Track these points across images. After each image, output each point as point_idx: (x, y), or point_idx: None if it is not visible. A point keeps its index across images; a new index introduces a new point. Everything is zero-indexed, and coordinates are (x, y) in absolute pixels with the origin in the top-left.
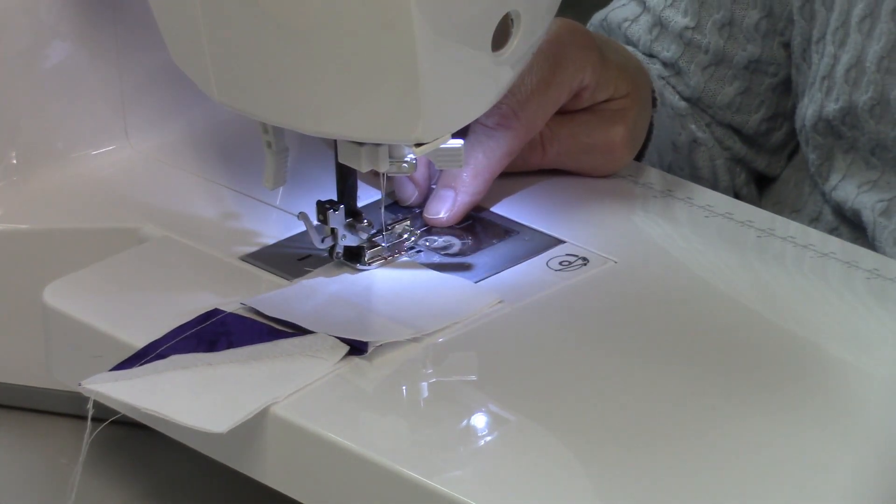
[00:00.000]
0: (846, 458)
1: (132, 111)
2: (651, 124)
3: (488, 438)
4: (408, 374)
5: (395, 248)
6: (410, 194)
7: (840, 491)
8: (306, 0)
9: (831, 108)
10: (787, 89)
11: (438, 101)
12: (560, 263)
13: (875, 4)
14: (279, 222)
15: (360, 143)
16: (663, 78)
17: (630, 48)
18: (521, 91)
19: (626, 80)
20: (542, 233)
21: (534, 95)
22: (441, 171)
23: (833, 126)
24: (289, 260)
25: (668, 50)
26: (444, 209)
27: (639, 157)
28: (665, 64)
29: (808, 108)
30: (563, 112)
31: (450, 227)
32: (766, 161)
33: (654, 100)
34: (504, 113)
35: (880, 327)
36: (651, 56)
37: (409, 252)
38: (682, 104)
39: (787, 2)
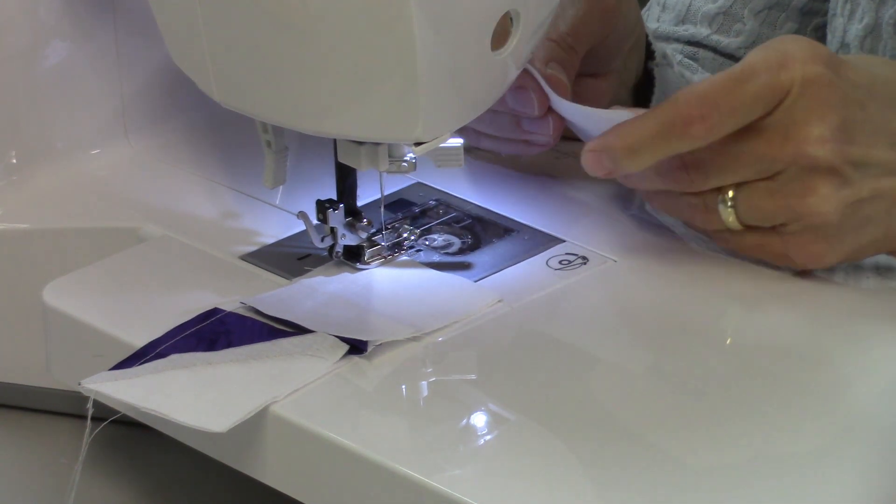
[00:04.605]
0: (846, 458)
1: (132, 111)
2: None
3: (488, 438)
4: (407, 374)
5: (395, 248)
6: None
7: (840, 491)
8: (306, 0)
9: (855, 28)
10: (825, 34)
11: (438, 100)
12: (560, 262)
13: None
14: (279, 221)
15: (360, 143)
16: (692, 44)
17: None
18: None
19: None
20: (541, 232)
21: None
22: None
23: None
24: (288, 259)
25: (715, 1)
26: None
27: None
28: (701, 26)
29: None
30: None
31: (449, 226)
32: None
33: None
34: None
35: (880, 326)
36: (668, 39)
37: (409, 251)
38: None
39: None
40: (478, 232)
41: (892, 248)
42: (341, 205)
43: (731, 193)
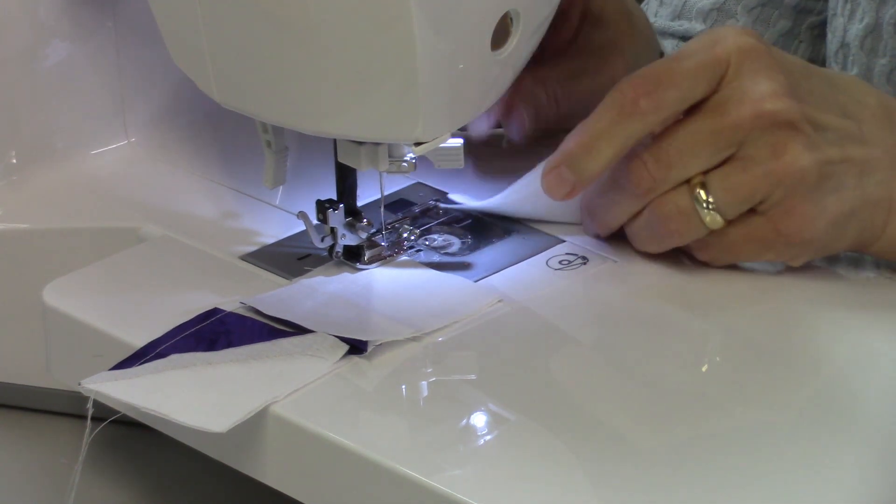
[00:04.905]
0: (846, 459)
1: (132, 111)
2: None
3: (488, 438)
4: (407, 374)
5: (395, 248)
6: (518, 130)
7: (840, 491)
8: (306, 0)
9: (856, 28)
10: (823, 32)
11: (438, 100)
12: (560, 263)
13: None
14: (279, 222)
15: (360, 143)
16: (687, 39)
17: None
18: None
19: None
20: (541, 232)
21: None
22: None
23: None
24: (288, 259)
25: None
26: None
27: None
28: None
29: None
30: (560, 39)
31: (449, 227)
32: None
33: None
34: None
35: (881, 326)
36: (664, 34)
37: (409, 251)
38: None
39: None
40: (478, 232)
41: (871, 222)
42: (341, 205)
43: (702, 193)
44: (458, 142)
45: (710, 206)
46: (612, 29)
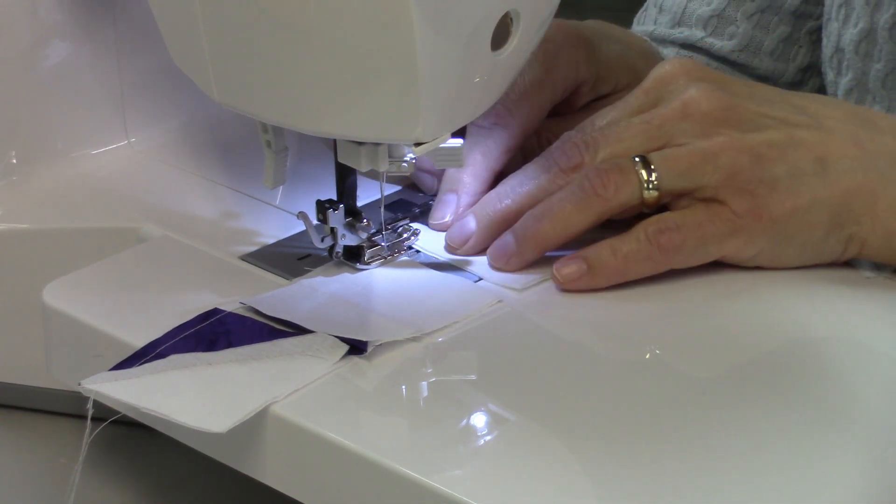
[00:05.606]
0: (846, 459)
1: (132, 110)
2: None
3: (488, 438)
4: (407, 374)
5: (395, 248)
6: (431, 184)
7: (840, 491)
8: (306, 0)
9: (850, 32)
10: (819, 38)
11: (438, 100)
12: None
13: None
14: (279, 222)
15: (360, 143)
16: (687, 46)
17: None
18: (515, 91)
19: (627, 70)
20: None
21: (527, 94)
22: (443, 173)
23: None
24: (288, 259)
25: (709, 4)
26: (448, 213)
27: None
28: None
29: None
30: (565, 112)
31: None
32: None
33: None
34: (499, 112)
35: (880, 326)
36: (664, 42)
37: (409, 251)
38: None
39: None
40: None
41: (849, 212)
42: (341, 205)
43: (643, 172)
44: (458, 142)
45: (651, 185)
46: (623, 94)
